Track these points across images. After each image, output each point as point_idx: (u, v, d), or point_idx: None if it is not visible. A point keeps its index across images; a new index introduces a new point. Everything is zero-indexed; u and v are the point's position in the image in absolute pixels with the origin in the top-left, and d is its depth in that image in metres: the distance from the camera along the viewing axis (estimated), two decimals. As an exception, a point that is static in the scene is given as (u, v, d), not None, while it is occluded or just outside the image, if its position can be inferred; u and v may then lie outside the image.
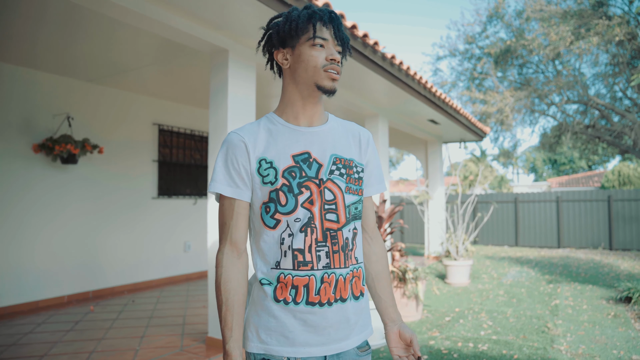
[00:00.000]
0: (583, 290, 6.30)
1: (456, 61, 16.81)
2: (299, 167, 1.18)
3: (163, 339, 3.81)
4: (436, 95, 6.22)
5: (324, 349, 1.19)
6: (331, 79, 1.20)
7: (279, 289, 1.18)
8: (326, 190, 1.19)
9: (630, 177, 17.83)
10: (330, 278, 1.18)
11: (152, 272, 6.30)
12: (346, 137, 1.30)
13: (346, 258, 1.21)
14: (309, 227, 1.17)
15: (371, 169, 1.35)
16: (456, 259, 6.86)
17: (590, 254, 10.49)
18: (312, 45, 1.18)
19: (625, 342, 3.95)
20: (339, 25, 1.21)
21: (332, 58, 1.18)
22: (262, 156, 1.19)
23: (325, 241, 1.18)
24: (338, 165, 1.22)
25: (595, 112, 13.79)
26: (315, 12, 1.19)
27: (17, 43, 4.21)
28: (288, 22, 1.20)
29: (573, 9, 12.06)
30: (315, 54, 1.18)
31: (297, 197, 1.17)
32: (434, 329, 4.41)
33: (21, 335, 3.94)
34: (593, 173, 26.24)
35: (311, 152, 1.21)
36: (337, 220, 1.19)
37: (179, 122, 6.82)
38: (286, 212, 1.16)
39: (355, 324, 1.24)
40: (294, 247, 1.17)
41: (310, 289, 1.17)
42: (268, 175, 1.17)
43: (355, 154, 1.30)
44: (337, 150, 1.24)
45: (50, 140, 4.91)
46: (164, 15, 3.16)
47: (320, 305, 1.17)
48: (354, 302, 1.24)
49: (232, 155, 1.19)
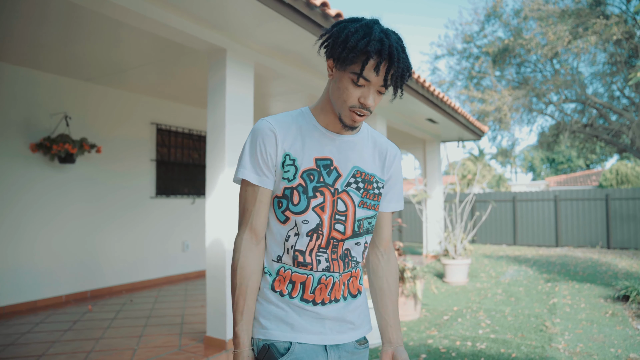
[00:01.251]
0: (581, 288, 6.31)
1: (454, 60, 16.85)
2: (319, 171, 1.18)
3: (161, 339, 3.81)
4: (434, 95, 6.22)
5: (322, 337, 1.20)
6: (353, 120, 1.14)
7: (277, 281, 1.20)
8: (339, 200, 1.19)
9: (628, 175, 17.87)
10: (327, 280, 1.20)
11: (151, 271, 6.30)
12: (373, 150, 1.29)
13: (345, 265, 1.23)
14: (315, 233, 1.17)
15: (392, 186, 1.33)
16: (454, 257, 6.86)
17: (588, 253, 10.52)
18: (353, 82, 1.09)
19: (622, 340, 3.96)
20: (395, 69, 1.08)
21: (364, 103, 1.11)
22: (288, 151, 1.18)
23: (327, 248, 1.19)
24: (357, 179, 1.22)
25: (593, 111, 13.82)
26: (371, 52, 1.04)
27: (17, 43, 4.19)
28: (343, 46, 1.08)
29: (571, 8, 12.08)
30: (351, 89, 1.10)
31: (310, 200, 1.17)
32: (432, 328, 4.42)
33: (19, 335, 3.93)
34: (591, 172, 26.29)
35: (334, 160, 1.20)
36: (343, 232, 1.20)
37: (177, 121, 6.81)
38: (297, 211, 1.17)
39: (351, 322, 1.25)
40: (296, 248, 1.18)
41: (307, 287, 1.19)
42: (288, 172, 1.17)
43: (378, 169, 1.28)
44: (359, 163, 1.23)
45: (47, 140, 4.90)
46: (163, 14, 3.16)
47: (314, 304, 1.19)
48: (351, 299, 1.25)
49: (261, 143, 1.18)
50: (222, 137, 3.65)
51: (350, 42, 1.06)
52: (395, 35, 1.11)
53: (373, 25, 1.09)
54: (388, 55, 1.06)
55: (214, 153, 3.72)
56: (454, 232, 7.28)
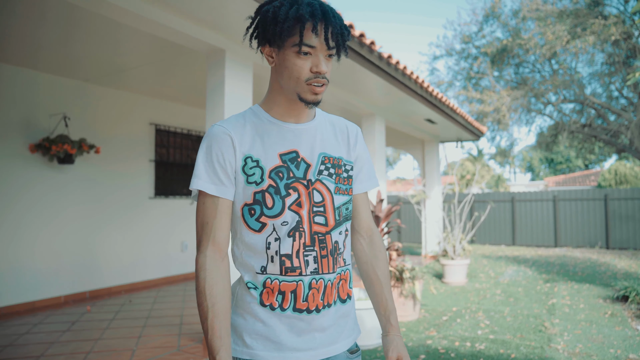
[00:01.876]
0: (580, 289, 6.32)
1: (453, 61, 16.84)
2: (287, 167, 1.11)
3: (160, 339, 3.80)
4: (433, 95, 6.23)
5: (312, 353, 1.13)
6: (314, 92, 1.09)
7: (265, 294, 1.11)
8: (315, 191, 1.13)
9: (627, 176, 17.90)
10: (318, 284, 1.12)
11: (149, 272, 6.29)
12: (334, 133, 1.23)
13: (334, 262, 1.15)
14: (297, 232, 1.10)
15: (360, 165, 1.27)
16: (453, 258, 6.87)
17: (587, 253, 10.53)
18: (297, 53, 1.05)
19: (622, 341, 3.96)
20: (333, 26, 1.06)
21: (317, 70, 1.06)
22: (248, 153, 1.11)
23: (313, 245, 1.12)
24: (327, 165, 1.16)
25: (591, 111, 13.84)
26: (304, 15, 1.03)
27: (15, 43, 4.19)
28: (274, 21, 1.06)
29: (569, 9, 12.09)
30: (299, 63, 1.06)
31: (285, 199, 1.09)
32: (431, 329, 4.42)
33: (18, 335, 3.92)
34: (590, 172, 26.33)
35: (299, 151, 1.14)
36: (325, 223, 1.13)
37: (175, 121, 6.81)
38: (272, 215, 1.09)
39: (343, 328, 1.20)
40: (281, 253, 1.10)
41: (298, 296, 1.11)
42: (254, 175, 1.10)
43: (344, 151, 1.23)
44: (325, 148, 1.18)
45: (46, 140, 4.89)
46: (161, 15, 3.15)
47: (308, 312, 1.11)
48: (341, 305, 1.19)
49: (217, 150, 1.10)
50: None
51: (280, 15, 1.04)
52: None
53: None
54: (322, 14, 1.04)
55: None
56: (452, 233, 7.28)
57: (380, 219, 4.31)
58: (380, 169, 6.36)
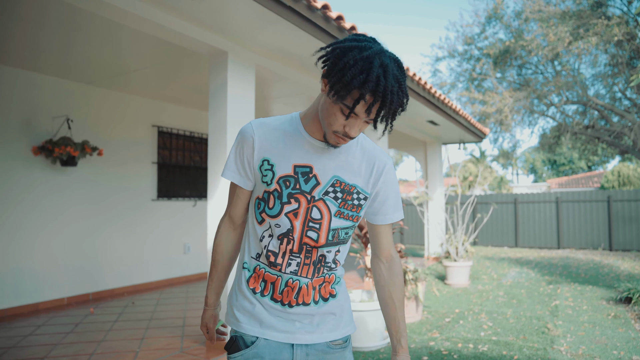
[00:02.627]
0: (583, 290, 6.30)
1: (455, 62, 16.85)
2: (296, 178, 1.18)
3: (163, 341, 3.80)
4: (435, 97, 6.23)
5: (289, 336, 1.23)
6: (336, 142, 1.12)
7: (252, 278, 1.25)
8: (314, 208, 1.19)
9: (630, 177, 17.85)
10: (294, 284, 1.22)
11: (152, 274, 6.30)
12: (361, 160, 1.24)
13: (315, 271, 1.24)
14: (286, 238, 1.20)
15: (386, 197, 1.29)
16: (456, 260, 6.86)
17: (590, 255, 10.49)
18: (342, 111, 1.04)
19: (625, 342, 3.95)
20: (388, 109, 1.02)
21: (348, 134, 1.08)
22: (266, 157, 1.20)
23: (300, 253, 1.21)
24: (336, 188, 1.20)
25: (594, 112, 13.81)
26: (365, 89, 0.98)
27: (17, 46, 4.21)
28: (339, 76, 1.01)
29: (572, 10, 12.08)
30: (338, 117, 1.06)
31: (284, 205, 1.18)
32: (434, 330, 4.41)
33: (21, 337, 3.93)
34: (593, 174, 26.26)
35: (313, 168, 1.19)
36: (316, 239, 1.20)
37: (178, 123, 6.82)
38: (271, 215, 1.20)
39: (320, 324, 1.26)
40: (269, 248, 1.22)
41: (276, 288, 1.23)
42: (266, 176, 1.20)
43: (362, 181, 1.24)
44: (340, 172, 1.21)
45: (49, 143, 4.91)
46: (163, 17, 3.17)
47: (282, 304, 1.22)
48: (323, 303, 1.26)
49: (240, 147, 1.24)
50: (224, 140, 3.66)
51: (347, 77, 0.98)
52: (395, 70, 1.03)
53: (374, 58, 1.00)
54: (382, 97, 1.00)
55: (216, 155, 3.72)
56: (455, 234, 7.27)
57: (383, 220, 4.33)
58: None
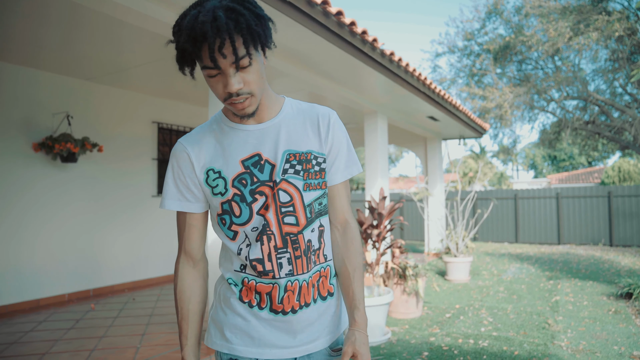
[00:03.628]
0: (583, 286, 6.30)
1: (455, 58, 16.80)
2: (250, 172, 1.09)
3: (164, 337, 3.81)
4: (435, 92, 6.21)
5: (291, 351, 1.13)
6: (239, 109, 1.03)
7: (244, 291, 1.13)
8: (280, 191, 1.09)
9: (631, 173, 17.85)
10: (293, 285, 1.11)
11: (152, 270, 6.31)
12: (303, 125, 1.15)
13: (308, 262, 1.13)
14: (264, 235, 1.09)
15: (336, 152, 1.18)
16: (456, 255, 6.86)
17: (590, 250, 10.50)
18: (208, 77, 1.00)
19: (626, 338, 3.95)
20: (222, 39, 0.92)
21: (228, 91, 0.99)
22: (209, 166, 1.10)
23: (286, 247, 1.10)
24: (292, 162, 1.10)
25: (595, 108, 13.78)
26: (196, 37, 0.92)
27: (18, 43, 4.19)
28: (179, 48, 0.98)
29: (572, 5, 12.03)
30: (212, 84, 1.01)
31: (251, 205, 1.08)
32: (435, 326, 4.42)
33: (22, 333, 3.94)
34: (593, 169, 26.26)
35: (262, 154, 1.10)
36: (296, 223, 1.10)
37: (178, 120, 6.81)
38: (241, 222, 1.09)
39: (323, 325, 1.17)
40: (250, 258, 1.10)
41: (274, 298, 1.11)
42: (217, 186, 1.10)
43: (315, 143, 1.14)
44: (290, 145, 1.11)
45: (50, 139, 4.91)
46: (164, 13, 3.15)
47: (284, 313, 1.11)
48: (321, 302, 1.16)
49: (177, 168, 1.12)
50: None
51: (181, 44, 0.96)
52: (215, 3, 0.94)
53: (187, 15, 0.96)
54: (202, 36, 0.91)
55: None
56: (455, 230, 7.27)
57: (383, 216, 4.31)
58: (383, 166, 6.35)
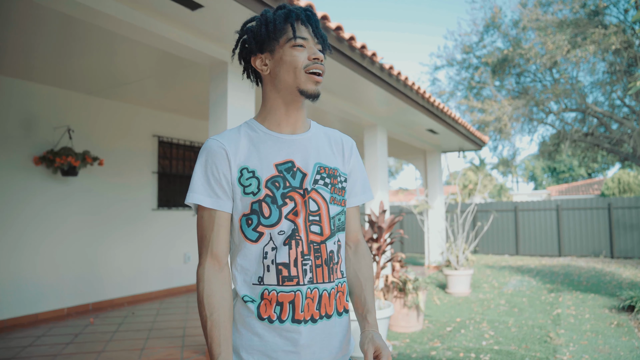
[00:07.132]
0: (585, 299, 6.27)
1: (454, 71, 16.95)
2: (283, 176, 1.13)
3: (163, 351, 3.79)
4: (434, 105, 6.25)
5: None
6: (314, 81, 1.15)
7: (263, 306, 1.11)
8: (310, 200, 1.14)
9: (630, 184, 17.84)
10: (313, 293, 1.12)
11: (152, 283, 6.28)
12: (329, 145, 1.25)
13: (330, 272, 1.15)
14: (293, 240, 1.11)
15: (355, 178, 1.29)
16: (456, 268, 6.84)
17: (591, 262, 10.46)
18: (293, 46, 1.13)
19: (629, 351, 3.92)
20: (317, 22, 1.17)
21: (315, 57, 1.14)
22: (244, 165, 1.12)
23: (310, 254, 1.13)
24: (322, 175, 1.17)
25: (593, 120, 13.84)
26: (292, 11, 1.15)
27: (18, 56, 4.23)
28: (264, 24, 1.15)
29: (569, 18, 12.16)
30: (296, 54, 1.13)
31: (281, 208, 1.11)
32: (435, 339, 4.39)
33: (20, 348, 3.91)
34: (593, 181, 26.25)
35: (295, 161, 1.15)
36: (320, 232, 1.14)
37: (178, 133, 6.84)
38: (270, 224, 1.11)
39: (339, 342, 1.19)
40: (277, 262, 1.10)
41: (297, 306, 1.11)
42: (250, 186, 1.11)
43: (339, 162, 1.24)
44: (321, 158, 1.19)
45: (51, 153, 4.93)
46: (162, 27, 3.19)
47: (305, 322, 1.11)
48: (338, 318, 1.18)
49: (211, 163, 1.12)
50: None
51: (269, 18, 1.15)
52: None
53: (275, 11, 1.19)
54: (304, 11, 1.16)
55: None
56: (455, 243, 7.26)
57: (383, 229, 4.31)
58: (383, 179, 6.37)
